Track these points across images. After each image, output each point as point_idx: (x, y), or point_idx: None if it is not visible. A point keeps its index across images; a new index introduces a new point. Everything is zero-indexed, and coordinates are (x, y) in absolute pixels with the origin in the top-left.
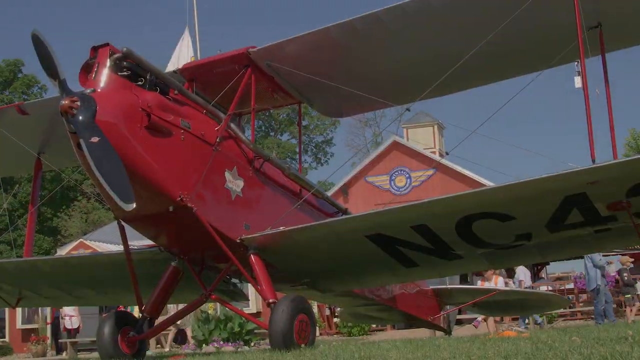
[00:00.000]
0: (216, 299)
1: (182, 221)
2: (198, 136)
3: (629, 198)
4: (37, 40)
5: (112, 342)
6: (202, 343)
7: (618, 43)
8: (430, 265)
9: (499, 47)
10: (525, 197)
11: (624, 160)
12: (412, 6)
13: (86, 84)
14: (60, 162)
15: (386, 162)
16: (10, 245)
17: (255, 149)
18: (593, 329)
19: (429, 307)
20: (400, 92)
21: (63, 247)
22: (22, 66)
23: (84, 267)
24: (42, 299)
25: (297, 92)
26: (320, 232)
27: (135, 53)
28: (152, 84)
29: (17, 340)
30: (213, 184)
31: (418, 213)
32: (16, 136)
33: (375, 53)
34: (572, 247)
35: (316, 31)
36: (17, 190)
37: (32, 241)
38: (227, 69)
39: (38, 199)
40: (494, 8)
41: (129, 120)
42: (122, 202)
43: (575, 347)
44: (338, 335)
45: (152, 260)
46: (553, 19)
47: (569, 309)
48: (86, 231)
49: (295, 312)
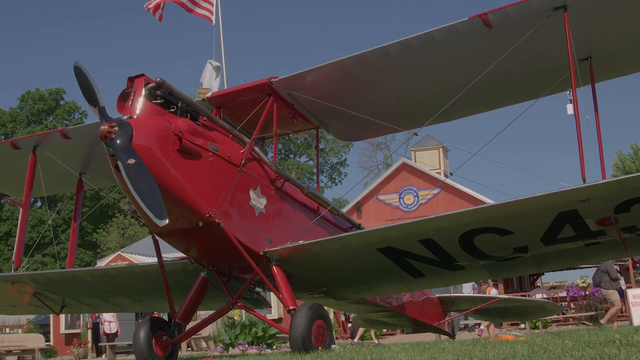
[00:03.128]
0: (241, 306)
1: (211, 235)
2: (225, 158)
3: (617, 214)
4: (79, 71)
5: (147, 346)
6: (228, 346)
7: (606, 74)
8: (436, 276)
9: (498, 77)
10: (522, 213)
11: (612, 180)
12: (418, 40)
13: (123, 110)
14: (99, 182)
15: (396, 181)
16: (54, 257)
17: (277, 170)
18: (584, 333)
19: (435, 314)
20: (409, 118)
21: (102, 260)
22: (63, 94)
23: (121, 277)
24: (84, 306)
25: (314, 118)
26: (335, 246)
27: (167, 82)
28: (183, 111)
29: (60, 343)
30: (239, 202)
31: (425, 228)
32: (60, 158)
33: (385, 83)
34: (565, 259)
35: (332, 63)
36: (61, 208)
37: (74, 254)
38: (252, 97)
39: (79, 216)
40: (493, 42)
41: (162, 144)
42: (156, 218)
43: (568, 350)
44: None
45: (183, 271)
46: (547, 52)
47: (562, 315)
48: (123, 245)
49: (313, 318)
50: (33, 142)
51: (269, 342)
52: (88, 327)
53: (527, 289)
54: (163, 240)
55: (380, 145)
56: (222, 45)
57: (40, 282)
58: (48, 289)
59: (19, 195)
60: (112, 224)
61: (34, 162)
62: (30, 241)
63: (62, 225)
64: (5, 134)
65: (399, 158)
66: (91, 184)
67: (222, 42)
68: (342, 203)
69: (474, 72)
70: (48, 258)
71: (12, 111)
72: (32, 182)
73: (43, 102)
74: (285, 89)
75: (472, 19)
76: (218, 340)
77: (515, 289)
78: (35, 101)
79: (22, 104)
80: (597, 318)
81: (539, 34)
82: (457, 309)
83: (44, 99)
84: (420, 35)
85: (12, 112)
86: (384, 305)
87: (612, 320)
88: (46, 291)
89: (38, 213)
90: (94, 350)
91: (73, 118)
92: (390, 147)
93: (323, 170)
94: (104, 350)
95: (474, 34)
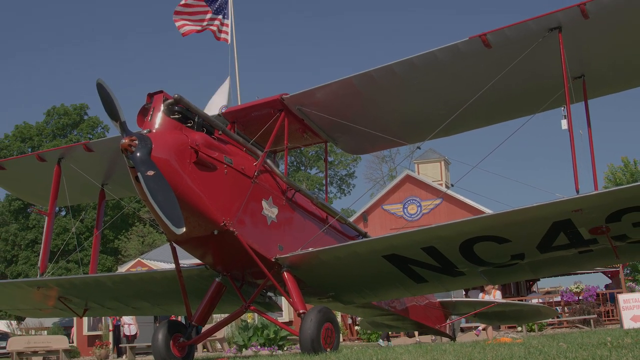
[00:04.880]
0: (254, 310)
1: (225, 243)
2: (239, 170)
3: (608, 223)
4: (101, 88)
5: (165, 347)
6: (242, 347)
7: (599, 91)
8: (438, 281)
9: (497, 94)
10: (519, 222)
11: (604, 191)
12: (421, 59)
13: (143, 125)
14: (120, 192)
15: (400, 192)
16: (78, 263)
17: (288, 182)
18: (577, 335)
19: (437, 317)
20: (412, 132)
21: (123, 265)
22: (87, 109)
23: (141, 282)
24: (105, 309)
25: (323, 132)
26: (343, 253)
27: (185, 99)
28: (199, 126)
29: (83, 345)
30: (252, 211)
31: (427, 236)
32: (83, 170)
33: (390, 99)
34: (560, 266)
35: (340, 80)
36: (84, 217)
37: (97, 260)
38: (264, 113)
39: (102, 224)
40: (492, 61)
41: (179, 156)
42: (174, 226)
43: (562, 352)
44: (358, 340)
45: (199, 276)
46: (543, 70)
47: (556, 318)
48: (143, 252)
49: (322, 321)
50: (58, 154)
51: (280, 343)
52: (109, 329)
53: (523, 293)
54: (180, 248)
55: (386, 158)
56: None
57: (64, 286)
58: (72, 293)
59: (44, 204)
60: (133, 232)
61: (58, 173)
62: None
63: (85, 233)
64: (32, 146)
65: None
66: (112, 194)
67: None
68: (350, 213)
69: (473, 90)
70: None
71: (39, 125)
72: (56, 193)
73: (68, 117)
74: (296, 104)
75: (472, 39)
76: (232, 341)
77: (513, 294)
78: (60, 116)
79: (48, 118)
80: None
81: (535, 54)
82: (457, 313)
83: (68, 113)
84: (423, 54)
85: (39, 126)
86: (389, 309)
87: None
88: (70, 295)
89: (62, 222)
90: (115, 351)
91: (96, 132)
92: (394, 160)
93: (332, 182)
94: (124, 351)
95: (473, 53)
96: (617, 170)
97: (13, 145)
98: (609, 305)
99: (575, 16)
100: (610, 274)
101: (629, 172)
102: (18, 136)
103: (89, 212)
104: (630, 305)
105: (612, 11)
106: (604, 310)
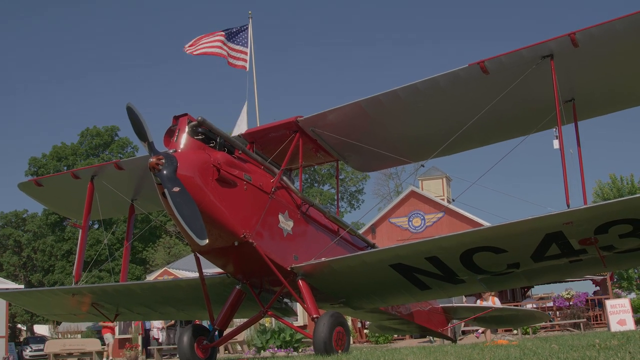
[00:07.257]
0: (272, 315)
1: (245, 253)
2: (257, 187)
3: (596, 235)
4: (131, 111)
5: (189, 349)
6: (260, 349)
7: (588, 113)
8: (440, 288)
9: (494, 116)
10: (514, 234)
11: (592, 205)
12: (424, 84)
13: (169, 145)
14: (148, 207)
15: (405, 207)
16: (109, 272)
17: (303, 197)
18: (568, 338)
19: (439, 321)
20: (416, 151)
21: (151, 274)
22: (118, 131)
23: (167, 290)
24: (135, 314)
25: (335, 151)
26: (353, 262)
27: (207, 121)
28: (221, 146)
29: (115, 347)
30: (269, 224)
31: (430, 247)
32: (114, 186)
33: (396, 121)
34: (552, 274)
35: (350, 104)
36: (115, 229)
37: (127, 269)
38: (280, 134)
39: (131, 236)
40: (489, 86)
41: (203, 174)
42: (198, 238)
43: (554, 353)
44: (367, 343)
45: (221, 284)
46: (536, 94)
47: (549, 322)
48: (169, 261)
49: (334, 325)
50: (91, 172)
51: (295, 345)
52: (139, 332)
53: (519, 299)
54: (204, 258)
55: (392, 175)
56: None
57: (97, 293)
58: (104, 299)
59: (79, 218)
60: (160, 243)
61: (91, 190)
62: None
63: (116, 244)
64: (67, 165)
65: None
66: (141, 208)
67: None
68: (359, 225)
69: (472, 112)
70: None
71: (73, 146)
72: (90, 207)
73: (100, 138)
74: (310, 126)
75: (471, 66)
76: (251, 344)
77: (509, 300)
78: (93, 137)
79: (82, 139)
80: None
81: (529, 79)
82: (458, 317)
83: (100, 135)
84: (426, 80)
85: (73, 146)
86: (395, 314)
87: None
88: (102, 301)
89: (95, 234)
90: (144, 353)
91: (126, 152)
92: (400, 176)
93: (343, 197)
94: (152, 353)
95: (472, 78)
96: (604, 186)
97: (50, 164)
98: (597, 310)
99: (566, 45)
100: (596, 283)
101: (616, 187)
102: (54, 156)
103: (119, 225)
104: (616, 310)
105: (600, 41)
106: (592, 315)
